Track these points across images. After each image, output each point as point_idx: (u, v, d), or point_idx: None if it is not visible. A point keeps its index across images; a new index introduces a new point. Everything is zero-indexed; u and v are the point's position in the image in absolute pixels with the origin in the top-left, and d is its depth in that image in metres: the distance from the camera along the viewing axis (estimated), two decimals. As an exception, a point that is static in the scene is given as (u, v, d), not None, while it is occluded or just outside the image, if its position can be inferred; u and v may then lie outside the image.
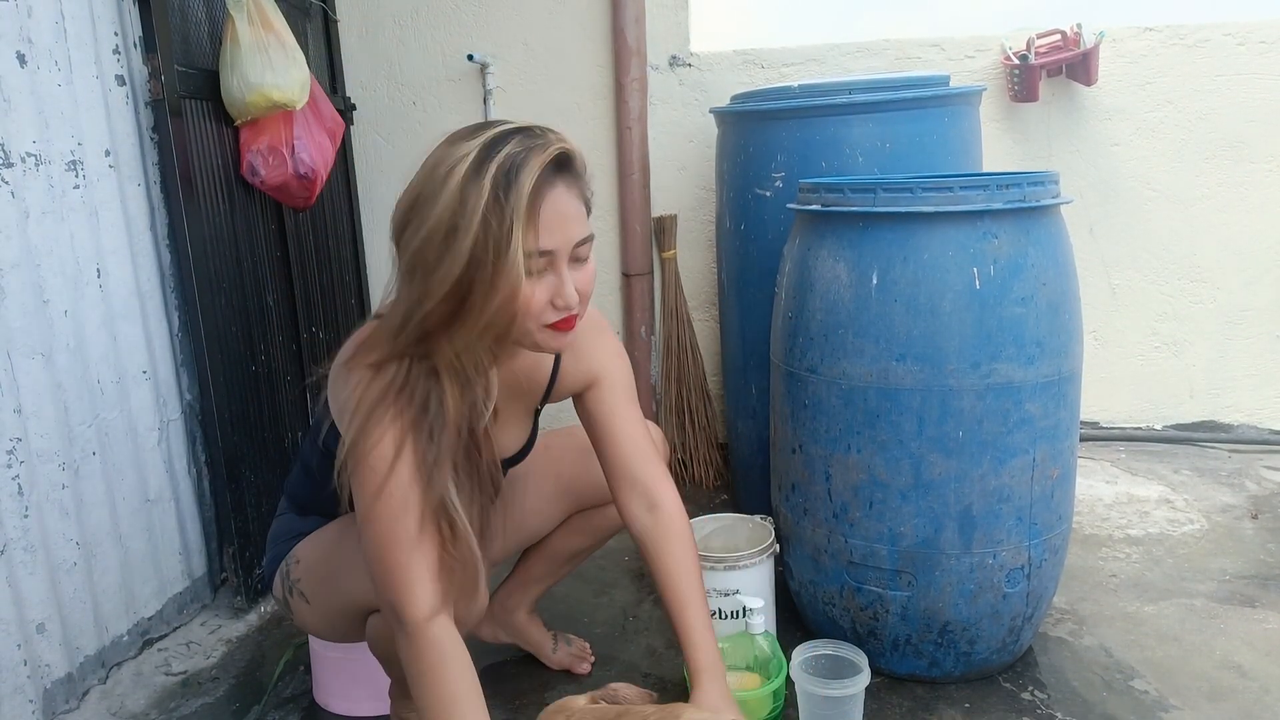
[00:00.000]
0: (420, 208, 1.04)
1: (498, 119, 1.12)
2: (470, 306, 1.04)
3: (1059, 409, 1.51)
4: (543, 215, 1.04)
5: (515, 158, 1.02)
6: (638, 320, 2.78)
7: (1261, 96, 2.59)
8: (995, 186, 1.43)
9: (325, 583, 1.33)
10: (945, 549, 1.51)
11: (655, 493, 1.35)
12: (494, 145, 1.03)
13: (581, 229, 1.10)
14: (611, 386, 1.35)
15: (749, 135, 2.11)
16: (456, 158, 1.03)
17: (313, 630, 1.43)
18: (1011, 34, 2.59)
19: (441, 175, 1.03)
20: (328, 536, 1.35)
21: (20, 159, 1.58)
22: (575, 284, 1.10)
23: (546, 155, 1.04)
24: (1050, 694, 1.58)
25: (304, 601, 1.36)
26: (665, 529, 1.34)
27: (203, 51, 2.00)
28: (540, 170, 1.03)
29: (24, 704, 1.54)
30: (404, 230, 1.07)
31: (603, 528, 1.61)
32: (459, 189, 1.01)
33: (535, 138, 1.06)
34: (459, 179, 1.02)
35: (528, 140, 1.05)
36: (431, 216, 1.03)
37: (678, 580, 1.32)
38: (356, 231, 2.77)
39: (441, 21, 2.76)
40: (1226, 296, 2.72)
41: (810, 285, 1.58)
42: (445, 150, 1.06)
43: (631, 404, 1.38)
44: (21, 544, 1.55)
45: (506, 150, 1.03)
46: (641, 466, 1.35)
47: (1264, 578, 1.95)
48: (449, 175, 1.02)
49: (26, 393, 1.57)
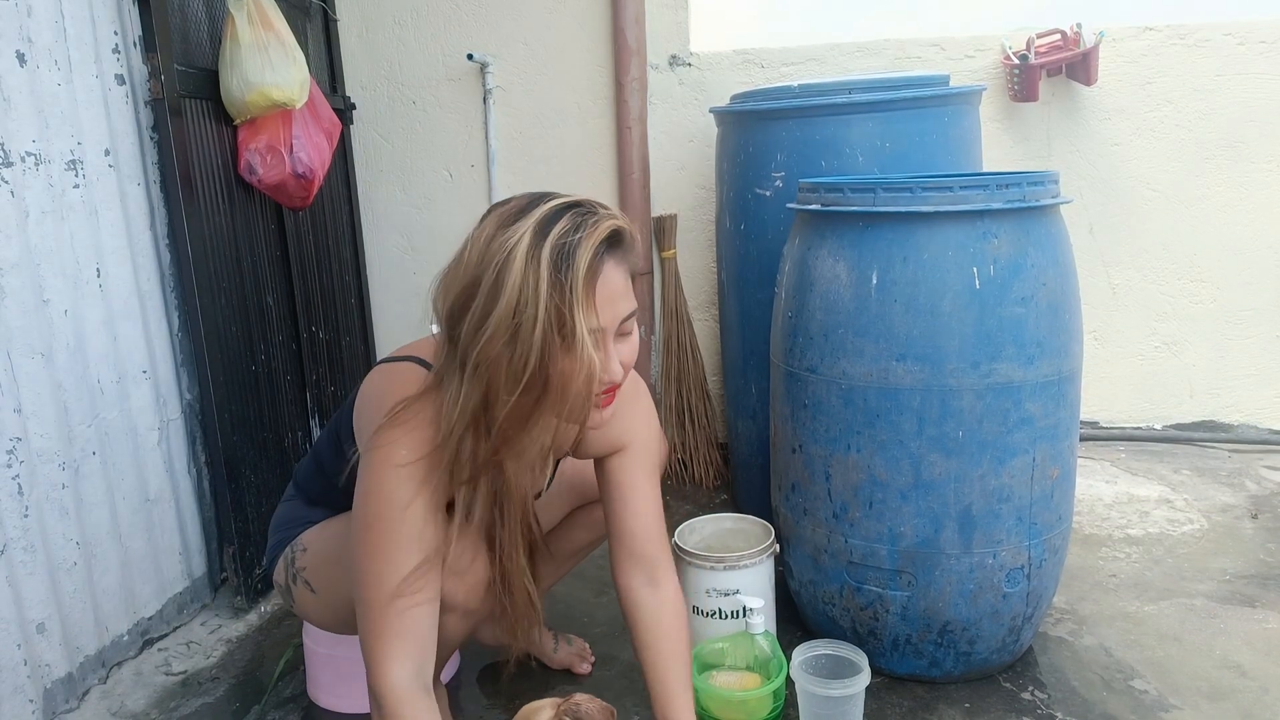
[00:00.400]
0: (479, 298, 1.02)
1: (545, 192, 1.09)
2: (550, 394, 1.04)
3: (1059, 409, 1.51)
4: (598, 294, 1.03)
5: (569, 237, 1.01)
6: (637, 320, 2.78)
7: (1262, 96, 2.59)
8: (995, 186, 1.43)
9: (334, 575, 1.33)
10: (945, 549, 1.52)
11: (659, 573, 1.34)
12: (546, 225, 1.01)
13: (629, 304, 1.10)
14: (635, 455, 1.33)
15: (749, 135, 2.11)
16: (511, 243, 1.00)
17: (313, 619, 1.43)
18: (1011, 34, 2.59)
19: (499, 261, 1.00)
20: (338, 529, 1.34)
21: (20, 158, 1.58)
22: (620, 357, 1.10)
23: (599, 233, 1.03)
24: (1050, 694, 1.58)
25: (309, 591, 1.37)
26: (664, 607, 1.33)
27: (202, 51, 2.00)
28: (594, 249, 1.02)
29: (24, 704, 1.54)
30: (459, 320, 1.04)
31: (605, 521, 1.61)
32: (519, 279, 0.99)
33: (587, 214, 1.05)
34: (517, 267, 0.99)
35: (578, 217, 1.03)
36: (494, 310, 1.00)
37: (669, 663, 1.31)
38: (356, 231, 2.78)
39: (441, 21, 2.75)
40: (1226, 296, 2.72)
41: (810, 285, 1.58)
42: (496, 232, 1.03)
43: (652, 476, 1.35)
44: (21, 544, 1.55)
45: (558, 231, 1.01)
46: (647, 544, 1.33)
47: (1264, 577, 1.95)
48: (507, 263, 0.99)
49: (26, 392, 1.57)
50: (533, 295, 0.99)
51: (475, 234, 1.06)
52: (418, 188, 2.88)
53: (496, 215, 1.06)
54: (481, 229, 1.06)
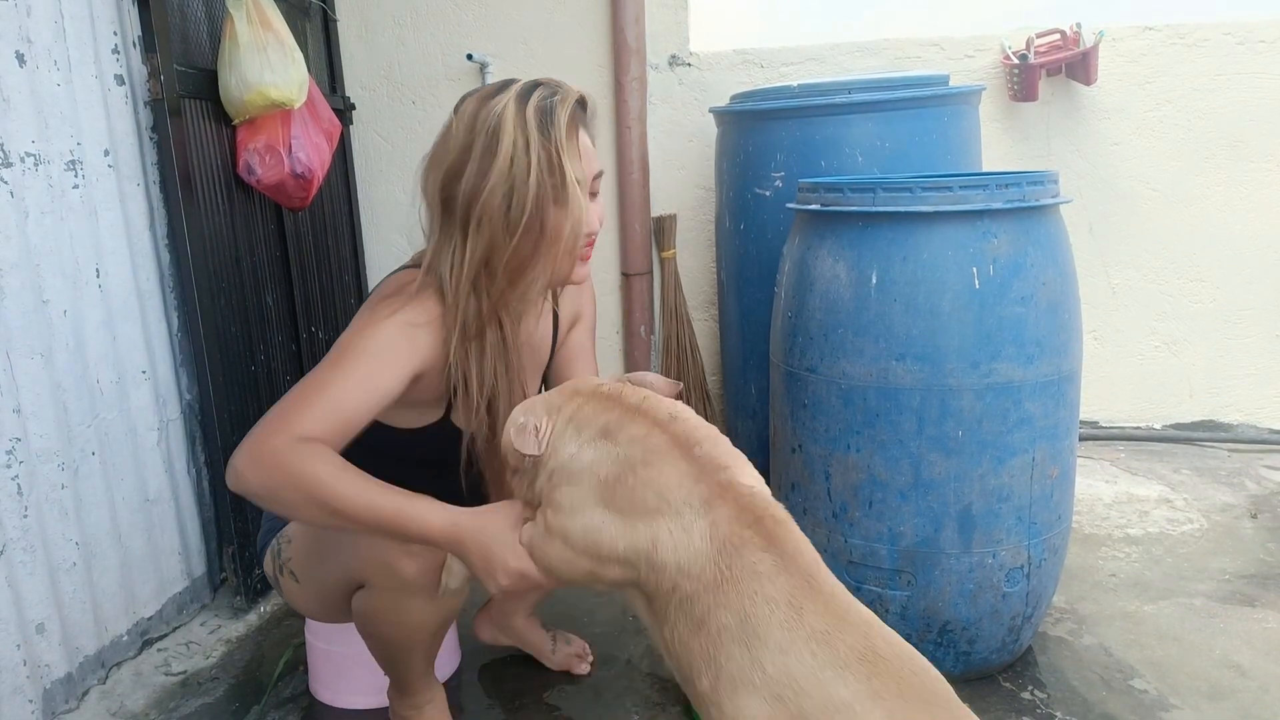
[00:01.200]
0: (474, 160, 1.14)
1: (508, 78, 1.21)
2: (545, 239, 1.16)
3: (1058, 408, 1.51)
4: (583, 147, 1.19)
5: (547, 100, 1.15)
6: (637, 320, 2.78)
7: (1261, 96, 2.59)
8: (994, 186, 1.43)
9: (313, 561, 1.35)
10: (945, 548, 1.52)
11: None
12: (524, 95, 1.15)
13: (598, 164, 1.24)
14: (587, 325, 1.52)
15: (748, 135, 2.11)
16: (498, 110, 1.13)
17: (303, 609, 1.45)
18: (1011, 33, 2.59)
19: (489, 127, 1.13)
20: None
21: (19, 159, 1.58)
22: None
23: (571, 96, 1.17)
24: (1050, 693, 1.58)
25: (294, 580, 1.39)
26: None
27: (202, 51, 2.00)
28: (571, 108, 1.16)
29: (24, 704, 1.54)
30: (453, 184, 1.15)
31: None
32: (511, 136, 1.12)
33: (556, 85, 1.19)
34: (509, 127, 1.12)
35: (549, 88, 1.17)
36: (491, 166, 1.12)
37: None
38: (356, 231, 2.77)
39: (441, 21, 2.76)
40: (1226, 296, 2.72)
41: (810, 285, 1.58)
42: (479, 108, 1.15)
43: (593, 344, 1.56)
44: (21, 544, 1.55)
45: (537, 96, 1.15)
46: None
47: (1263, 577, 1.95)
48: (498, 127, 1.12)
49: (26, 393, 1.57)
50: (525, 147, 1.12)
51: (456, 116, 1.18)
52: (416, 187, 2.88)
53: (474, 98, 1.18)
54: (462, 110, 1.18)
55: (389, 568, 1.21)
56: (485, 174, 1.13)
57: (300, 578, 1.37)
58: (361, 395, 1.12)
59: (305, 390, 1.12)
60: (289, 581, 1.39)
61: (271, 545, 1.43)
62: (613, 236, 2.78)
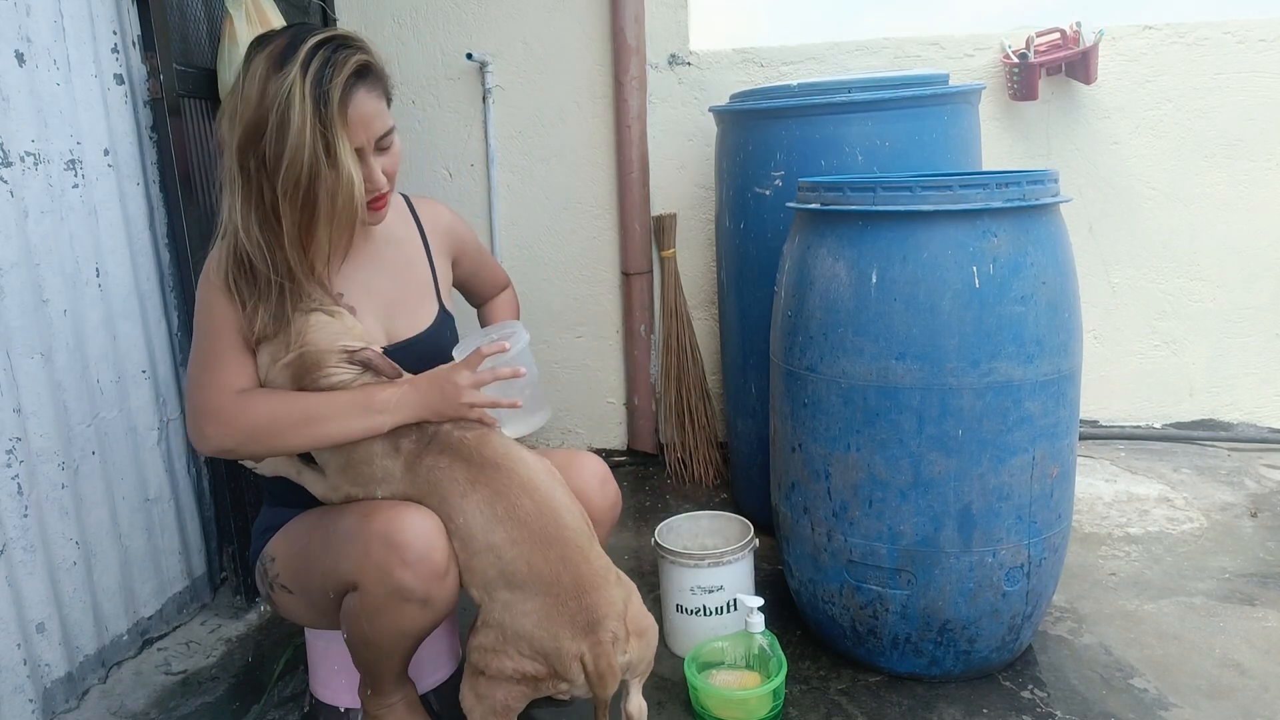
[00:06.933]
0: (268, 135, 1.22)
1: (303, 24, 1.28)
2: (322, 206, 1.26)
3: (1058, 407, 1.51)
4: (350, 120, 1.26)
5: (324, 78, 1.23)
6: (637, 319, 2.78)
7: (1261, 95, 2.59)
8: (994, 185, 1.43)
9: (301, 571, 1.35)
10: (945, 547, 1.52)
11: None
12: (306, 66, 1.22)
13: (383, 124, 1.32)
14: (470, 244, 1.65)
15: (748, 134, 2.11)
16: (286, 87, 1.21)
17: (301, 620, 1.45)
18: (1011, 32, 2.59)
19: (279, 105, 1.21)
20: (298, 528, 1.38)
21: (19, 158, 1.58)
22: (383, 167, 1.34)
23: (347, 69, 1.24)
24: (1050, 692, 1.59)
25: (287, 593, 1.39)
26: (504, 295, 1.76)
27: (201, 50, 2.00)
28: (344, 85, 1.24)
29: (24, 703, 1.55)
30: (247, 151, 1.25)
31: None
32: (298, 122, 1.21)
33: (338, 47, 1.25)
34: (296, 112, 1.21)
35: (327, 54, 1.24)
36: (284, 149, 1.22)
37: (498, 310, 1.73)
38: (356, 230, 2.77)
39: (441, 20, 2.75)
40: (1226, 295, 2.72)
41: (810, 284, 1.58)
42: (270, 74, 1.23)
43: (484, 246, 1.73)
44: (21, 543, 1.55)
45: (314, 70, 1.22)
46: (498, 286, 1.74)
47: (1263, 576, 1.95)
48: (288, 105, 1.21)
49: (26, 392, 1.57)
50: (302, 127, 1.21)
51: (249, 75, 1.26)
52: (417, 187, 2.88)
53: (265, 58, 1.25)
54: (254, 71, 1.25)
55: (385, 573, 1.21)
56: (280, 156, 1.22)
57: (293, 589, 1.38)
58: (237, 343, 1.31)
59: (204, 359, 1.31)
60: (282, 595, 1.40)
61: (258, 566, 1.44)
62: (613, 236, 2.78)
